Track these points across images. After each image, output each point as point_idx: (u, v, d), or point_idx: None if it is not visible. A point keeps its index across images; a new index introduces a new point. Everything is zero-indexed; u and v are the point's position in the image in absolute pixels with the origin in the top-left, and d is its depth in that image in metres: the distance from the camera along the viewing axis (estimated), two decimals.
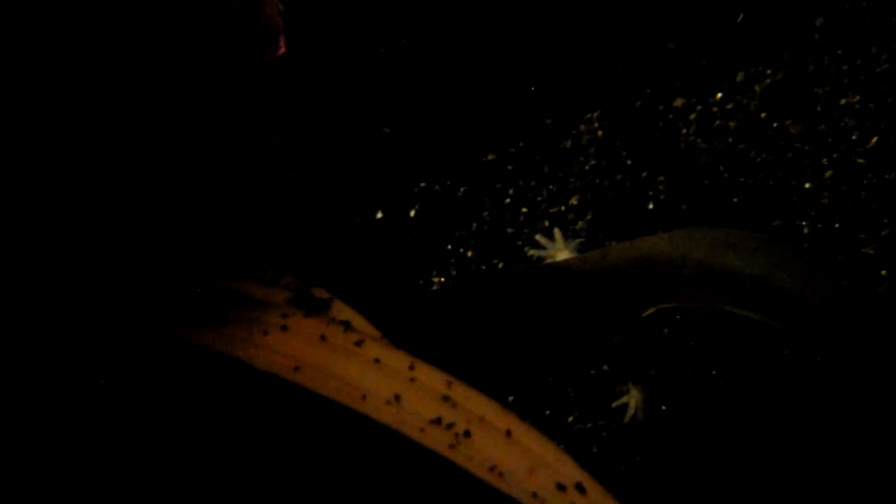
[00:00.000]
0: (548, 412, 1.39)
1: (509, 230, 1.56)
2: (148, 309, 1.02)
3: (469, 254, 1.53)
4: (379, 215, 1.54)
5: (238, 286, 1.06)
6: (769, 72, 1.65)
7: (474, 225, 1.56)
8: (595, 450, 1.36)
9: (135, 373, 1.05)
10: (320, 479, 0.96)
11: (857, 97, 1.59)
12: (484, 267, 1.50)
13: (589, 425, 1.38)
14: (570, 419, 1.38)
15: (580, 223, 1.55)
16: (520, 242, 1.55)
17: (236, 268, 1.09)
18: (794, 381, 1.39)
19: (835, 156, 1.55)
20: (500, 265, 1.52)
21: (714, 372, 1.41)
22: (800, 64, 1.64)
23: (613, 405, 1.39)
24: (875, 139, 1.54)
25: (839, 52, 1.63)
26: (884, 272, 1.43)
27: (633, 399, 1.37)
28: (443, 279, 1.50)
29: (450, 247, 1.53)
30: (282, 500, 0.94)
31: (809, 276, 1.20)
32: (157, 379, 1.05)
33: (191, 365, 1.00)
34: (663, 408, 1.39)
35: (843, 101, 1.59)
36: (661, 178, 1.57)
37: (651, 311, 1.28)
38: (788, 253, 1.24)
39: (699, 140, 1.60)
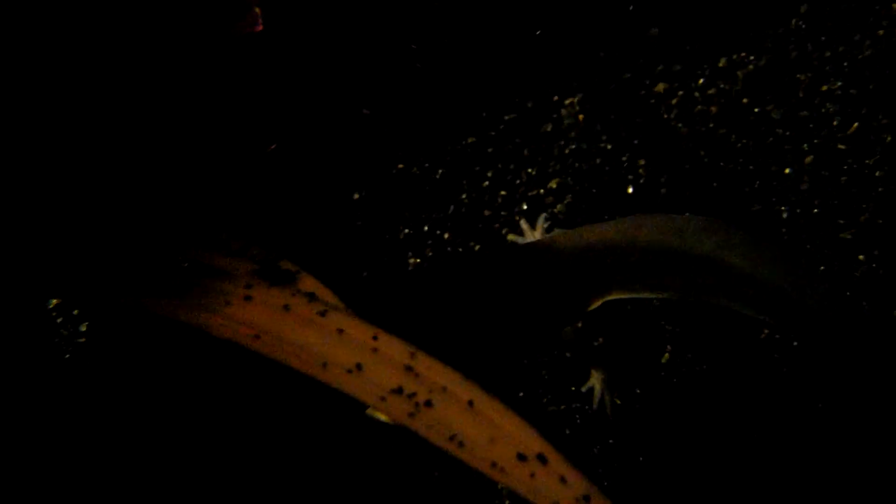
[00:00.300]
0: (521, 394, 1.38)
1: (487, 213, 1.55)
2: (116, 279, 1.01)
3: (446, 236, 1.52)
4: (356, 196, 1.53)
5: (205, 258, 1.05)
6: (752, 58, 1.64)
7: (451, 207, 1.55)
8: (567, 432, 1.35)
9: (105, 340, 1.04)
10: (279, 447, 0.95)
11: (839, 83, 1.58)
12: (460, 249, 1.49)
13: (562, 407, 1.37)
14: (545, 400, 1.37)
15: (559, 206, 1.54)
16: (497, 225, 1.54)
17: (204, 240, 1.08)
18: (757, 359, 1.38)
19: (815, 141, 1.54)
20: (477, 247, 1.51)
21: (689, 355, 1.40)
22: (783, 50, 1.63)
23: (583, 389, 1.38)
24: (856, 125, 1.53)
25: (822, 38, 1.63)
26: (861, 257, 1.43)
27: (597, 383, 1.36)
28: (418, 260, 1.49)
29: (426, 228, 1.52)
30: (238, 464, 0.93)
31: (759, 256, 1.19)
32: (124, 347, 1.04)
33: (158, 333, 0.99)
34: (637, 391, 1.38)
35: (824, 88, 1.59)
36: (642, 162, 1.57)
37: (598, 303, 1.26)
38: (737, 235, 1.22)
39: (680, 125, 1.59)
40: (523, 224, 1.49)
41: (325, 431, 1.04)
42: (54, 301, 1.22)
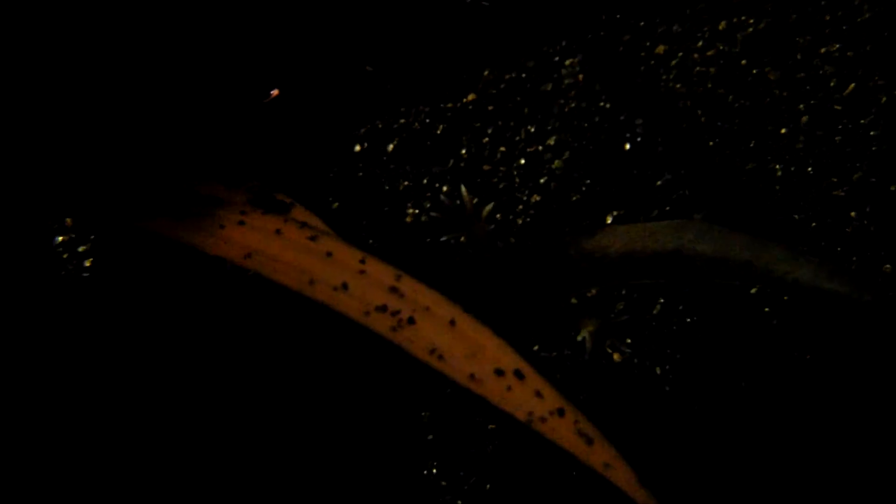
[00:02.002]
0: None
1: (486, 167, 1.57)
2: (125, 203, 1.05)
3: (445, 188, 1.55)
4: (357, 148, 1.56)
5: (204, 188, 1.09)
6: (752, 21, 1.66)
7: (451, 161, 1.58)
8: (558, 377, 1.38)
9: (106, 274, 1.09)
10: (266, 358, 0.98)
11: (837, 45, 1.60)
12: (458, 202, 1.52)
13: (554, 354, 1.40)
14: (536, 348, 1.40)
15: (557, 162, 1.57)
16: (495, 180, 1.57)
17: (205, 172, 1.12)
18: (747, 311, 1.40)
19: (812, 102, 1.56)
20: (475, 200, 1.54)
21: (680, 307, 1.43)
22: (783, 14, 1.65)
23: (578, 339, 1.41)
24: (852, 86, 1.55)
25: (822, 2, 1.64)
26: (853, 213, 1.44)
27: (588, 334, 1.39)
28: (416, 211, 1.52)
29: (426, 181, 1.55)
30: (223, 368, 0.97)
31: (724, 240, 1.22)
32: (124, 281, 1.08)
33: (158, 251, 1.03)
34: (628, 341, 1.41)
35: (822, 50, 1.60)
36: (639, 121, 1.59)
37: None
38: (703, 226, 1.26)
39: (679, 85, 1.62)
40: (444, 198, 1.49)
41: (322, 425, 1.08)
42: (61, 238, 1.26)
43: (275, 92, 1.33)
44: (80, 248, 1.24)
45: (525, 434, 1.11)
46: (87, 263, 1.24)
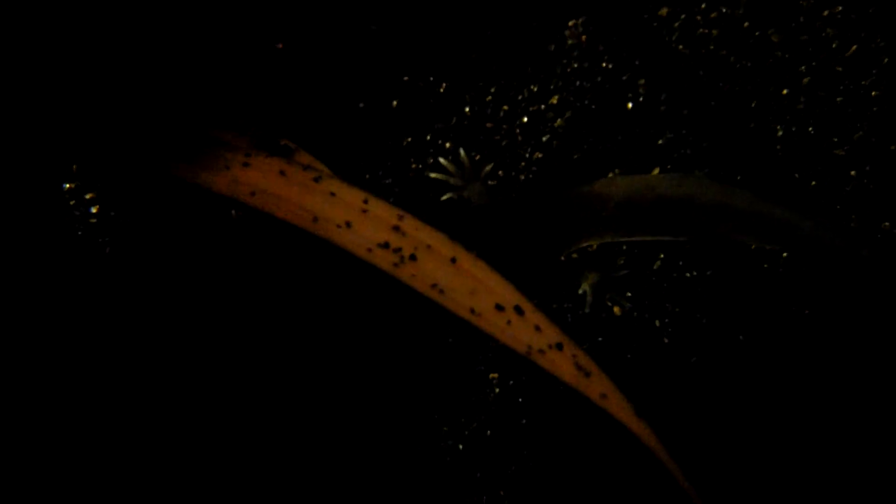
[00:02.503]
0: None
1: (489, 125, 1.59)
2: (134, 146, 1.06)
3: (447, 145, 1.56)
4: (361, 105, 1.57)
5: (210, 131, 1.10)
6: None
7: (454, 118, 1.59)
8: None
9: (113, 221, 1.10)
10: (270, 292, 1.00)
11: (840, 7, 1.60)
12: (463, 153, 1.53)
13: (554, 306, 1.41)
14: (535, 301, 1.42)
15: (559, 121, 1.58)
16: (497, 137, 1.58)
17: (210, 117, 1.14)
18: (747, 267, 1.42)
19: (813, 64, 1.57)
20: (477, 157, 1.55)
21: (680, 262, 1.44)
22: None
23: (579, 291, 1.42)
24: (854, 48, 1.56)
25: None
26: (853, 172, 1.46)
27: (589, 287, 1.41)
28: (420, 166, 1.53)
29: (429, 137, 1.57)
30: (234, 306, 0.98)
31: (725, 195, 1.23)
32: (132, 228, 1.10)
33: (170, 192, 1.05)
34: (628, 294, 1.42)
35: (825, 13, 1.61)
36: (642, 82, 1.60)
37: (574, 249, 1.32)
38: (704, 181, 1.27)
39: (681, 46, 1.62)
40: (444, 162, 1.51)
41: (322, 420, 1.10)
42: (68, 185, 1.28)
43: (279, 45, 1.34)
44: (88, 195, 1.25)
45: (524, 371, 1.13)
46: (95, 210, 1.25)
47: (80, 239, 1.20)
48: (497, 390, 1.32)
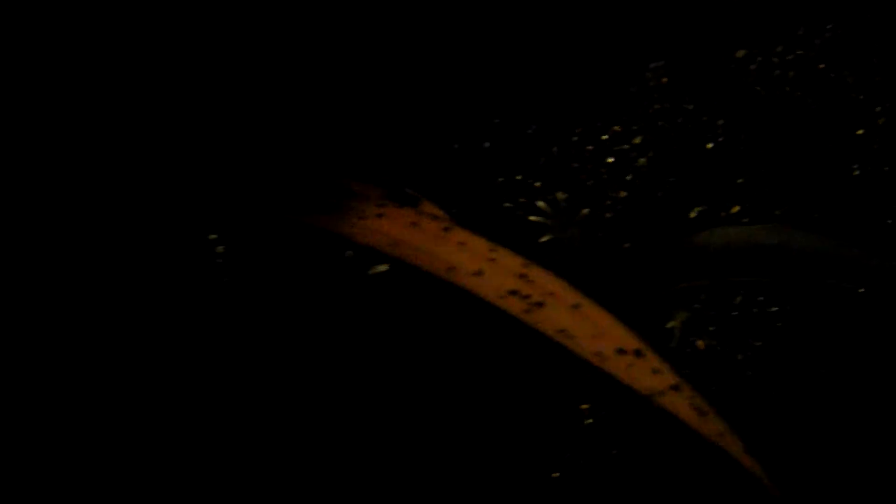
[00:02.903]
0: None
1: (575, 164, 1.67)
2: (282, 198, 1.17)
3: (537, 184, 1.65)
4: (455, 146, 1.67)
5: (344, 183, 1.21)
6: (829, 26, 1.74)
7: (542, 159, 1.68)
8: None
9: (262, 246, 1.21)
10: (413, 337, 1.09)
11: None
12: (549, 196, 1.62)
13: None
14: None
15: (641, 160, 1.66)
16: (583, 176, 1.67)
17: (342, 169, 1.24)
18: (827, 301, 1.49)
19: (888, 104, 1.64)
20: (562, 196, 1.64)
21: (761, 298, 1.52)
22: (857, 19, 1.73)
23: (668, 326, 1.50)
24: None
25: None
26: None
27: (678, 323, 1.49)
28: (511, 205, 1.62)
29: (520, 177, 1.66)
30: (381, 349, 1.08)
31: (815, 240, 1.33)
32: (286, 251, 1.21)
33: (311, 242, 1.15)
34: (710, 329, 1.50)
35: None
36: (720, 122, 1.68)
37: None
38: (798, 231, 1.38)
39: (758, 87, 1.70)
40: (541, 205, 1.60)
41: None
42: (213, 235, 1.37)
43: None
44: (219, 249, 1.35)
45: (639, 410, 1.20)
46: (220, 249, 1.36)
47: (217, 281, 1.29)
48: (590, 420, 1.41)
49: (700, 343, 1.51)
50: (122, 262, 1.22)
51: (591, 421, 1.41)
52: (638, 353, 0.99)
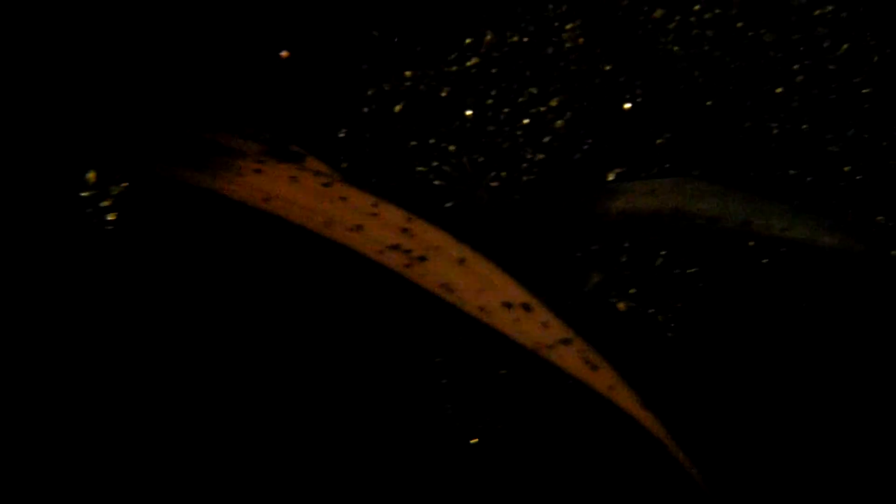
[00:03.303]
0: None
1: (490, 128, 1.62)
2: (150, 154, 1.10)
3: (451, 148, 1.59)
4: (364, 110, 1.60)
5: (222, 139, 1.14)
6: None
7: (457, 122, 1.62)
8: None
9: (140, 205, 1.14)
10: (288, 294, 1.03)
11: (831, 7, 1.64)
12: (464, 160, 1.57)
13: (560, 304, 1.44)
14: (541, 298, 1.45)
15: (559, 122, 1.61)
16: (499, 139, 1.61)
17: (221, 124, 1.17)
18: (742, 261, 1.45)
19: (806, 62, 1.60)
20: (480, 159, 1.58)
21: (681, 258, 1.48)
22: None
23: (585, 290, 1.46)
24: (845, 46, 1.59)
25: None
26: (847, 168, 1.49)
27: (593, 285, 1.44)
28: (424, 168, 1.56)
29: (432, 141, 1.60)
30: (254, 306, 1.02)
31: (723, 198, 1.27)
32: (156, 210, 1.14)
33: (181, 199, 1.08)
34: (631, 292, 1.46)
35: (817, 12, 1.64)
36: (638, 83, 1.63)
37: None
38: (702, 184, 1.32)
39: (677, 48, 1.66)
40: (448, 169, 1.54)
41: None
42: (85, 193, 1.31)
43: (285, 53, 1.38)
44: (103, 203, 1.28)
45: (532, 367, 1.16)
46: (111, 217, 1.28)
47: (96, 243, 1.23)
48: (507, 386, 1.35)
49: (620, 305, 1.46)
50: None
51: (507, 386, 1.36)
52: (525, 307, 0.93)
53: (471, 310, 0.92)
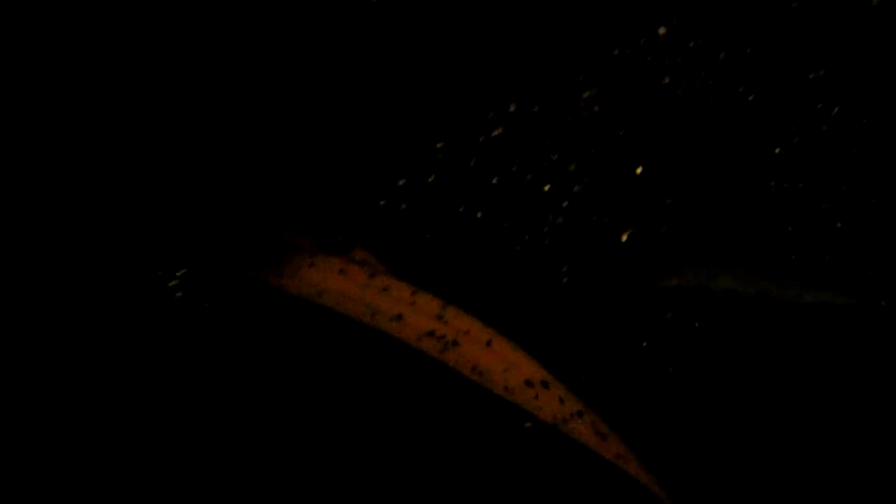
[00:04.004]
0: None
1: (514, 194, 1.78)
2: (230, 255, 1.28)
3: (479, 215, 1.76)
4: (401, 182, 1.77)
5: (279, 234, 1.31)
6: (749, 51, 1.85)
7: (483, 190, 1.79)
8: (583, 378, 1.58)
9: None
10: (338, 379, 1.20)
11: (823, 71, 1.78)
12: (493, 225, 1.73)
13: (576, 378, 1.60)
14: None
15: (576, 187, 1.77)
16: (523, 205, 1.77)
17: (278, 221, 1.35)
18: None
19: (802, 124, 1.75)
20: (506, 224, 1.75)
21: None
22: (775, 43, 1.84)
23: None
24: (836, 109, 1.74)
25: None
26: (839, 224, 1.64)
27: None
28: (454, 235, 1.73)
29: (462, 209, 1.77)
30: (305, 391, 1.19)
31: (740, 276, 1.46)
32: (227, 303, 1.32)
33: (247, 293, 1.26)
34: (644, 344, 1.61)
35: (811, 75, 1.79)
36: (649, 148, 1.79)
37: None
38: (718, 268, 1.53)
39: (683, 112, 1.81)
40: None
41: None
42: (171, 283, 1.47)
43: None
44: (178, 294, 1.46)
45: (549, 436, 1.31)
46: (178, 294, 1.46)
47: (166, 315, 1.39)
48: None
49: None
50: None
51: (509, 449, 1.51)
52: (544, 384, 1.10)
53: (497, 390, 1.09)
